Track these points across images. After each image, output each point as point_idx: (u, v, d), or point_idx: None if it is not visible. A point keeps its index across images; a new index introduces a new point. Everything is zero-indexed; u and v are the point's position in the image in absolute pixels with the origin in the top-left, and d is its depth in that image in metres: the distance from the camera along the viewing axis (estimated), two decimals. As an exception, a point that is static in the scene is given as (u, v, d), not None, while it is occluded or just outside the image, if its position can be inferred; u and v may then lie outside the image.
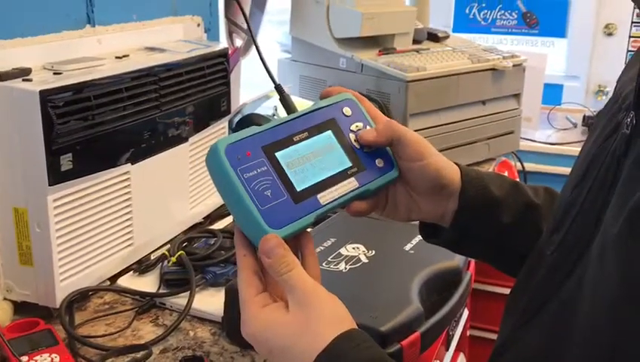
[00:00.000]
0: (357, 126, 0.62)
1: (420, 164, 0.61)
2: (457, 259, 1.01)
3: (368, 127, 0.62)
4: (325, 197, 0.56)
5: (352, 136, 0.61)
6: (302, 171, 0.56)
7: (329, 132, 0.60)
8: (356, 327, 0.50)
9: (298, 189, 0.55)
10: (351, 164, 0.59)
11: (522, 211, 0.66)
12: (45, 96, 0.85)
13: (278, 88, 0.62)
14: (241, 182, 0.52)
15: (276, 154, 0.55)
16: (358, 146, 0.61)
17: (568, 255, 0.50)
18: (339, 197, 0.57)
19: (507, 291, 0.62)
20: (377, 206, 0.64)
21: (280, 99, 0.62)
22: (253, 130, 0.55)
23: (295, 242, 0.54)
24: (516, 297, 0.57)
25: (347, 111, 0.62)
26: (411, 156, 0.61)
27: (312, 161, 0.57)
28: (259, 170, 0.53)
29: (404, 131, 0.61)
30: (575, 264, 0.49)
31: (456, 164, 0.65)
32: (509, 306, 0.59)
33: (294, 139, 0.57)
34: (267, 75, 0.66)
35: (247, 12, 1.61)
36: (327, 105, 0.61)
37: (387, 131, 0.61)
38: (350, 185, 0.59)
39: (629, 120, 0.47)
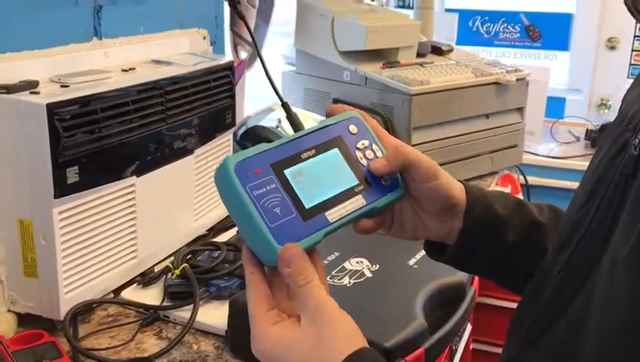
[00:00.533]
0: (363, 144, 0.62)
1: (431, 185, 0.62)
2: (461, 274, 1.01)
3: (379, 154, 0.63)
4: (333, 214, 0.56)
5: (358, 154, 0.61)
6: (310, 189, 0.56)
7: (336, 150, 0.60)
8: (367, 346, 0.50)
9: (307, 207, 0.55)
10: (358, 182, 0.60)
11: (527, 230, 0.66)
12: (52, 109, 0.85)
13: (285, 106, 0.63)
14: (250, 199, 0.52)
15: (285, 171, 0.55)
16: (364, 164, 0.61)
17: (575, 274, 0.50)
18: (347, 215, 0.58)
19: (511, 305, 0.62)
20: (384, 224, 0.65)
21: (287, 117, 0.63)
22: (261, 147, 0.55)
23: None
24: (521, 316, 0.57)
25: (353, 129, 0.63)
26: (423, 178, 0.62)
27: (320, 178, 0.57)
28: (268, 188, 0.53)
29: (415, 155, 0.61)
30: (582, 283, 0.49)
31: (460, 181, 0.66)
32: (514, 325, 0.59)
33: (302, 156, 0.57)
34: (273, 91, 0.66)
35: (253, 25, 1.62)
36: (334, 123, 0.62)
37: (398, 158, 0.61)
38: (357, 202, 0.59)
39: (637, 141, 0.48)
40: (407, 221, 0.66)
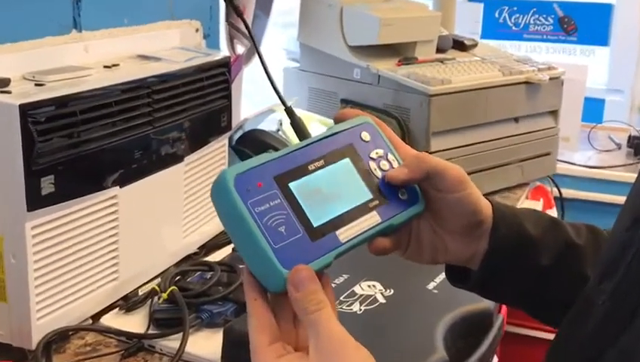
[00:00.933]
0: (377, 153, 0.62)
1: (460, 196, 0.62)
2: (487, 301, 1.00)
3: (395, 165, 0.62)
4: (345, 233, 0.56)
5: (372, 165, 0.61)
6: (318, 204, 0.56)
7: (347, 160, 0.60)
8: None
9: (315, 225, 0.55)
10: (372, 196, 0.60)
11: (562, 252, 0.66)
12: (26, 110, 0.85)
13: (289, 111, 0.63)
14: (252, 216, 0.52)
15: (290, 185, 0.55)
16: (379, 176, 0.61)
17: (623, 304, 0.50)
18: (360, 234, 0.57)
19: (543, 335, 0.62)
20: (400, 245, 0.64)
21: (291, 123, 0.63)
22: (263, 157, 0.55)
23: None
24: (562, 350, 0.57)
25: (366, 136, 0.63)
26: (450, 187, 0.61)
27: (330, 192, 0.57)
28: (271, 204, 0.53)
29: (439, 162, 0.61)
30: (634, 314, 0.48)
31: (486, 197, 0.65)
32: (553, 357, 0.58)
33: (309, 167, 0.57)
34: (275, 92, 0.67)
35: (251, 16, 1.63)
36: (344, 130, 0.62)
37: (420, 166, 0.61)
38: (372, 219, 0.59)
39: None
40: (426, 242, 0.65)
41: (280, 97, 0.65)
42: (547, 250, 0.65)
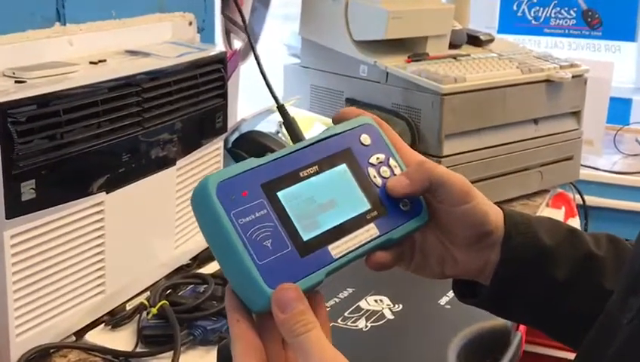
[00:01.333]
0: (378, 158, 0.61)
1: (465, 208, 0.61)
2: (504, 317, 1.00)
3: (397, 171, 0.62)
4: (338, 248, 0.55)
5: (371, 171, 0.61)
6: (310, 216, 0.55)
7: (343, 166, 0.59)
8: None
9: (305, 239, 0.54)
10: (370, 207, 0.59)
11: (580, 264, 0.66)
12: (5, 109, 0.86)
13: (282, 110, 0.62)
14: (235, 229, 0.51)
15: (279, 194, 0.54)
16: (378, 184, 0.60)
17: None
18: (355, 249, 0.56)
19: (564, 354, 0.62)
20: (403, 258, 0.64)
21: (284, 124, 0.62)
22: (250, 163, 0.54)
23: None
24: None
25: (366, 139, 0.62)
26: (454, 200, 0.61)
27: (323, 202, 0.56)
28: (257, 215, 0.52)
29: (444, 171, 0.61)
30: None
31: (497, 205, 0.65)
32: None
33: (301, 174, 0.56)
34: (267, 89, 0.66)
35: (249, 8, 1.63)
36: (342, 132, 0.61)
37: (423, 175, 0.60)
38: (369, 233, 0.58)
39: None
40: (432, 254, 0.65)
41: (272, 94, 0.64)
42: (564, 261, 0.65)
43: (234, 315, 0.52)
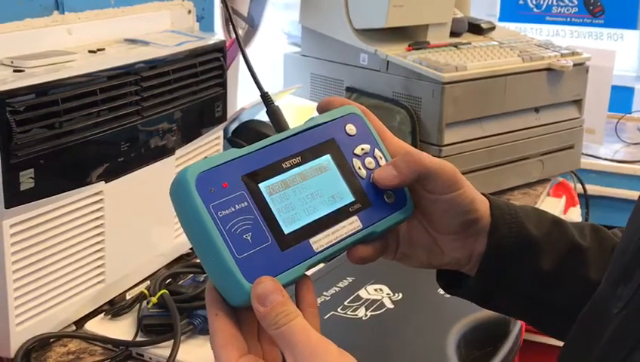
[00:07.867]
0: (363, 149, 0.61)
1: (452, 196, 0.61)
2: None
3: (383, 162, 0.61)
4: (320, 241, 0.55)
5: (355, 163, 0.60)
6: (292, 208, 0.54)
7: (327, 156, 0.59)
8: None
9: (286, 232, 0.53)
10: (353, 199, 0.58)
11: (566, 255, 0.66)
12: (3, 98, 0.86)
13: (265, 97, 0.61)
14: (213, 222, 0.50)
15: (260, 185, 0.54)
16: (363, 175, 0.60)
17: None
18: (337, 242, 0.56)
19: (562, 344, 0.62)
20: (386, 249, 0.63)
21: (267, 112, 0.61)
22: (232, 153, 0.54)
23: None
24: (580, 354, 0.57)
25: (351, 129, 0.61)
26: (442, 189, 0.60)
27: (305, 194, 0.56)
28: (237, 207, 0.52)
29: (432, 161, 0.60)
30: None
31: (483, 194, 0.65)
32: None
33: (283, 165, 0.56)
34: (251, 77, 0.65)
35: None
36: (327, 122, 0.60)
37: (411, 166, 0.59)
38: (352, 226, 0.57)
39: None
40: (418, 244, 0.65)
41: (256, 81, 0.63)
42: (549, 252, 0.65)
43: (212, 310, 0.52)
